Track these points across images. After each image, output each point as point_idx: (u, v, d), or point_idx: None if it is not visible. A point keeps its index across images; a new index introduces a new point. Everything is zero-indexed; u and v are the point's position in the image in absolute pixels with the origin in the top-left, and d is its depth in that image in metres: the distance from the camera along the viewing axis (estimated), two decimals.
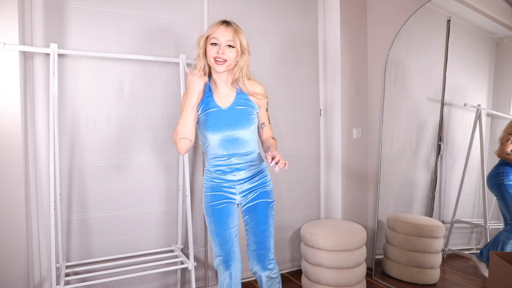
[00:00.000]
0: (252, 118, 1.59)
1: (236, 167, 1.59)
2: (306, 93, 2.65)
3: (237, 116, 1.55)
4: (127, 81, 2.07)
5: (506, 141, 1.96)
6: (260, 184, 1.65)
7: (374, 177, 2.66)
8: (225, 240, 1.62)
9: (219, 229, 1.62)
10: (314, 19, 2.68)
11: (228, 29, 1.49)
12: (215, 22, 1.53)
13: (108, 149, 2.03)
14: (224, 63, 1.50)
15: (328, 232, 2.17)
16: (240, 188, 1.63)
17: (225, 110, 1.56)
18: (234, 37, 1.50)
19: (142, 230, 2.14)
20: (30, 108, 1.84)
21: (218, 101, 1.57)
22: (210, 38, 1.50)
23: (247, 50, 1.54)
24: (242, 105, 1.57)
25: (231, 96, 1.58)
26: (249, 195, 1.64)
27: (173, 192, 2.21)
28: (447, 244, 2.26)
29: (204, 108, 1.57)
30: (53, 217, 1.70)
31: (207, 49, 1.51)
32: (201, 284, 2.34)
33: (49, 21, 1.87)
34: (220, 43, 1.49)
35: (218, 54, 1.48)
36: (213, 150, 1.59)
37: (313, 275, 2.17)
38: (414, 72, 2.48)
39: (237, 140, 1.56)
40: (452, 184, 2.26)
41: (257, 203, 1.63)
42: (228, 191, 1.63)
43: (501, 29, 2.02)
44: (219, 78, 1.57)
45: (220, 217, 1.62)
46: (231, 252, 1.63)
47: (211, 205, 1.63)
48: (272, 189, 1.70)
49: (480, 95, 2.07)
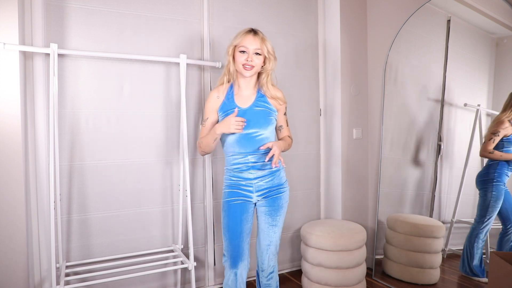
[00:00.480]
0: (270, 119, 1.70)
1: (252, 165, 1.67)
2: (306, 93, 2.65)
3: (256, 116, 1.67)
4: (127, 81, 2.07)
5: (489, 140, 1.97)
6: (276, 186, 1.73)
7: (374, 177, 2.66)
8: (235, 235, 1.68)
9: (231, 223, 1.69)
10: (314, 19, 2.68)
11: (256, 38, 1.63)
12: (242, 31, 1.65)
13: (108, 149, 2.03)
14: (252, 69, 1.64)
15: (328, 232, 2.17)
16: (257, 187, 1.70)
17: (245, 110, 1.68)
18: (262, 45, 1.63)
19: (142, 230, 2.14)
20: (30, 108, 1.84)
21: (239, 102, 1.69)
22: (239, 47, 1.63)
23: (273, 56, 1.68)
24: (261, 106, 1.70)
25: (251, 98, 1.71)
26: (265, 196, 1.72)
27: (173, 192, 2.21)
28: (447, 244, 2.26)
29: (224, 109, 1.69)
30: (53, 217, 1.70)
31: (236, 56, 1.64)
32: (201, 284, 2.34)
33: (49, 21, 1.87)
34: (249, 51, 1.62)
35: (247, 61, 1.62)
36: (232, 148, 1.68)
37: (313, 275, 2.17)
38: (414, 72, 2.48)
39: (254, 139, 1.66)
40: (452, 184, 2.26)
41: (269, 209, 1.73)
42: (245, 189, 1.70)
43: (501, 29, 2.02)
44: (244, 81, 1.70)
45: (233, 212, 1.69)
46: (239, 248, 1.68)
47: (227, 200, 1.71)
48: (288, 191, 1.79)
49: (480, 95, 2.07)
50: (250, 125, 1.65)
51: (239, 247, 1.69)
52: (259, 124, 1.66)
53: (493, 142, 1.96)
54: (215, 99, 1.71)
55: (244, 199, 1.71)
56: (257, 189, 1.70)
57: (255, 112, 1.68)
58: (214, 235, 2.35)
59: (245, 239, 1.71)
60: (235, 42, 1.65)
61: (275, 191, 1.73)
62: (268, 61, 1.67)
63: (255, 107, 1.69)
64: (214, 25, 2.30)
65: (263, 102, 1.71)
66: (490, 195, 2.00)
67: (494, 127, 1.97)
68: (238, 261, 1.69)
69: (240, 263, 1.70)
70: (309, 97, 2.67)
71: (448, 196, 2.28)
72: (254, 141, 1.66)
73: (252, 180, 1.69)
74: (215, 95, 1.71)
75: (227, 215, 1.71)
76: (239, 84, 1.71)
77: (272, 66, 1.69)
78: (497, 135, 1.95)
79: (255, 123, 1.66)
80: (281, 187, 1.75)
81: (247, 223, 1.71)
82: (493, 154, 1.96)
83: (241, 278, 1.71)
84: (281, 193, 1.75)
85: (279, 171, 1.75)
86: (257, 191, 1.71)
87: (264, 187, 1.71)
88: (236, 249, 1.69)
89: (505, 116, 1.94)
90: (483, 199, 2.05)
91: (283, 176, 1.78)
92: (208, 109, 1.73)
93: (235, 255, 1.69)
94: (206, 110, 1.74)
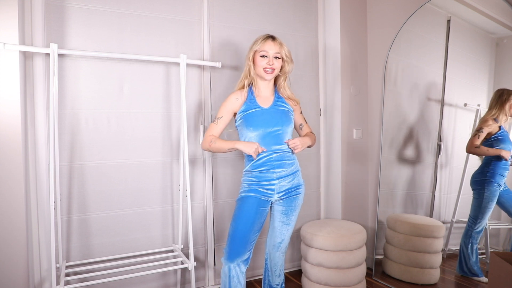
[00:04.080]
0: (290, 118, 1.80)
1: (276, 164, 1.73)
2: (306, 93, 2.65)
3: (277, 115, 1.76)
4: (127, 81, 2.07)
5: (474, 135, 1.97)
6: (296, 186, 1.78)
7: (374, 177, 2.66)
8: (244, 224, 1.67)
9: (244, 212, 1.69)
10: (314, 19, 2.68)
11: (275, 43, 1.74)
12: (261, 37, 1.75)
13: (108, 149, 2.03)
14: (273, 72, 1.74)
15: (328, 232, 2.17)
16: (279, 187, 1.74)
17: (267, 109, 1.76)
18: (280, 49, 1.74)
19: (142, 230, 2.14)
20: (30, 108, 1.84)
21: (260, 102, 1.78)
22: (260, 51, 1.73)
23: (290, 59, 1.79)
24: (280, 106, 1.79)
25: (270, 99, 1.80)
26: (285, 196, 1.76)
27: (173, 192, 2.21)
28: (447, 244, 2.26)
29: (246, 109, 1.75)
30: (53, 217, 1.69)
31: (257, 61, 1.74)
32: (201, 284, 2.34)
33: (49, 21, 1.87)
34: (269, 55, 1.72)
35: (269, 65, 1.72)
36: None
37: (313, 275, 2.17)
38: (414, 72, 2.48)
39: (277, 137, 1.73)
40: (452, 184, 2.26)
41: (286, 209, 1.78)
42: (267, 187, 1.73)
43: (501, 29, 2.01)
44: (263, 84, 1.80)
45: (249, 204, 1.71)
46: (243, 239, 1.66)
47: (245, 195, 1.74)
48: (304, 191, 1.84)
49: (480, 95, 2.07)
50: (273, 123, 1.73)
51: (244, 238, 1.64)
52: (281, 122, 1.75)
53: (478, 137, 1.97)
54: (233, 101, 1.78)
55: (264, 197, 1.73)
56: (279, 190, 1.75)
57: (276, 110, 1.77)
58: (214, 235, 2.35)
59: (253, 232, 1.67)
60: (255, 48, 1.74)
61: (294, 191, 1.78)
62: (286, 64, 1.78)
63: (276, 106, 1.78)
64: (214, 25, 2.30)
65: (282, 103, 1.81)
66: (484, 196, 2.01)
67: (479, 125, 2.00)
68: (236, 254, 1.64)
69: (238, 258, 1.64)
70: (309, 97, 2.67)
71: (448, 196, 2.28)
72: (277, 138, 1.73)
73: (274, 180, 1.73)
74: (234, 97, 1.78)
75: (241, 205, 1.72)
76: (259, 87, 1.80)
77: (289, 68, 1.80)
78: (481, 132, 1.97)
79: (277, 121, 1.74)
80: (299, 188, 1.80)
81: (260, 218, 1.71)
82: (479, 148, 1.96)
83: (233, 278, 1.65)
84: (299, 194, 1.80)
85: (298, 171, 1.81)
86: (279, 192, 1.75)
87: (286, 187, 1.75)
88: (239, 240, 1.64)
89: (490, 115, 1.97)
90: (477, 200, 2.05)
91: (301, 177, 1.83)
92: (225, 109, 1.78)
93: (235, 247, 1.64)
94: (222, 109, 1.79)
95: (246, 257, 1.67)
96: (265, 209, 1.74)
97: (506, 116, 1.93)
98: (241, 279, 1.67)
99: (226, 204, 2.38)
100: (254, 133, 1.72)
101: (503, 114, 1.93)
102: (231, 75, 2.33)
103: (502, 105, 1.93)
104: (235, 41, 2.36)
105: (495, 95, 1.96)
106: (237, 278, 1.66)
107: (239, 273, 1.66)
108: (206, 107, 2.29)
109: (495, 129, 1.95)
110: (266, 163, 1.72)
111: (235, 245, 1.65)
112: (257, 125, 1.72)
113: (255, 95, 1.79)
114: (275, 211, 1.81)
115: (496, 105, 1.95)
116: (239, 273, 1.66)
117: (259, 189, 1.73)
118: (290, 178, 1.76)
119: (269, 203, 1.76)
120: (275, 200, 1.77)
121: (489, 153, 1.96)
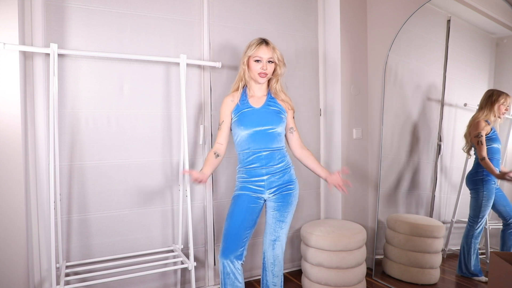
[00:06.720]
0: (281, 117, 1.83)
1: (265, 161, 1.77)
2: (306, 93, 2.65)
3: (269, 114, 1.80)
4: (127, 81, 2.07)
5: (480, 145, 2.00)
6: (286, 182, 1.81)
7: (374, 177, 2.66)
8: (235, 221, 1.74)
9: (236, 210, 1.76)
10: (314, 19, 2.68)
11: (268, 48, 1.78)
12: (255, 42, 1.78)
13: (108, 149, 2.03)
14: (266, 76, 1.79)
15: (328, 232, 2.17)
16: (269, 183, 1.78)
17: (258, 109, 1.81)
18: (273, 54, 1.79)
19: (142, 230, 2.14)
20: (30, 108, 1.84)
21: (252, 102, 1.83)
22: (254, 57, 1.77)
23: (283, 62, 1.84)
24: (272, 106, 1.84)
25: (262, 100, 1.85)
26: (276, 193, 1.80)
27: (173, 192, 2.21)
28: (447, 244, 2.26)
29: (239, 110, 1.80)
30: (53, 217, 1.69)
31: (251, 65, 1.79)
32: (201, 284, 2.34)
33: (49, 21, 1.87)
34: (263, 60, 1.77)
35: (262, 70, 1.77)
36: (246, 144, 1.78)
37: (313, 275, 2.17)
38: (414, 72, 2.48)
39: (268, 135, 1.78)
40: (452, 184, 2.26)
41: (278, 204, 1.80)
42: (258, 184, 1.78)
43: (501, 29, 2.01)
44: (257, 86, 1.85)
45: (241, 201, 1.78)
46: (235, 236, 1.72)
47: (238, 193, 1.81)
48: (297, 189, 1.86)
49: (480, 95, 2.06)
50: (263, 122, 1.78)
51: (236, 235, 1.73)
52: (272, 121, 1.79)
53: (481, 144, 2.00)
54: (229, 103, 1.83)
55: (255, 194, 1.79)
56: (269, 186, 1.78)
57: (268, 110, 1.81)
58: (214, 235, 2.35)
59: (244, 229, 1.75)
60: (249, 53, 1.78)
61: (284, 187, 1.80)
62: (278, 67, 1.82)
63: (268, 106, 1.83)
64: (214, 25, 2.30)
65: (273, 103, 1.85)
66: (482, 195, 2.03)
67: (476, 131, 2.02)
68: (230, 250, 1.72)
69: (231, 254, 1.72)
70: (309, 97, 2.67)
71: (448, 196, 2.28)
72: (268, 137, 1.78)
73: (264, 176, 1.77)
74: (230, 99, 1.84)
75: (233, 204, 1.80)
76: (252, 89, 1.85)
77: (282, 71, 1.84)
78: (480, 136, 2.00)
79: (268, 120, 1.79)
80: (291, 184, 1.82)
81: (251, 214, 1.77)
82: (484, 160, 1.99)
83: (230, 275, 1.72)
84: (291, 190, 1.82)
85: (289, 168, 1.84)
86: (269, 188, 1.79)
87: (276, 183, 1.79)
88: (232, 237, 1.73)
89: (482, 116, 2.00)
90: (475, 199, 2.07)
91: (293, 174, 1.86)
92: (224, 113, 1.84)
93: (229, 244, 1.73)
94: (221, 114, 1.84)
95: (239, 253, 1.74)
96: (256, 206, 1.79)
97: (495, 117, 1.98)
98: (238, 276, 1.74)
99: (226, 204, 2.38)
100: (245, 131, 1.77)
101: (492, 114, 1.98)
102: (231, 75, 2.33)
103: (492, 105, 1.98)
104: (235, 41, 2.36)
105: (485, 96, 2.01)
106: (233, 275, 1.72)
107: (233, 269, 1.73)
108: (206, 107, 2.29)
109: (488, 130, 1.99)
110: (256, 161, 1.77)
111: (228, 242, 1.74)
112: (248, 124, 1.76)
113: (248, 96, 1.84)
114: (268, 208, 1.84)
115: (486, 105, 2.00)
116: (233, 269, 1.73)
117: (250, 186, 1.79)
118: (280, 174, 1.80)
119: (261, 199, 1.81)
120: (268, 197, 1.81)
121: (487, 169, 1.98)
